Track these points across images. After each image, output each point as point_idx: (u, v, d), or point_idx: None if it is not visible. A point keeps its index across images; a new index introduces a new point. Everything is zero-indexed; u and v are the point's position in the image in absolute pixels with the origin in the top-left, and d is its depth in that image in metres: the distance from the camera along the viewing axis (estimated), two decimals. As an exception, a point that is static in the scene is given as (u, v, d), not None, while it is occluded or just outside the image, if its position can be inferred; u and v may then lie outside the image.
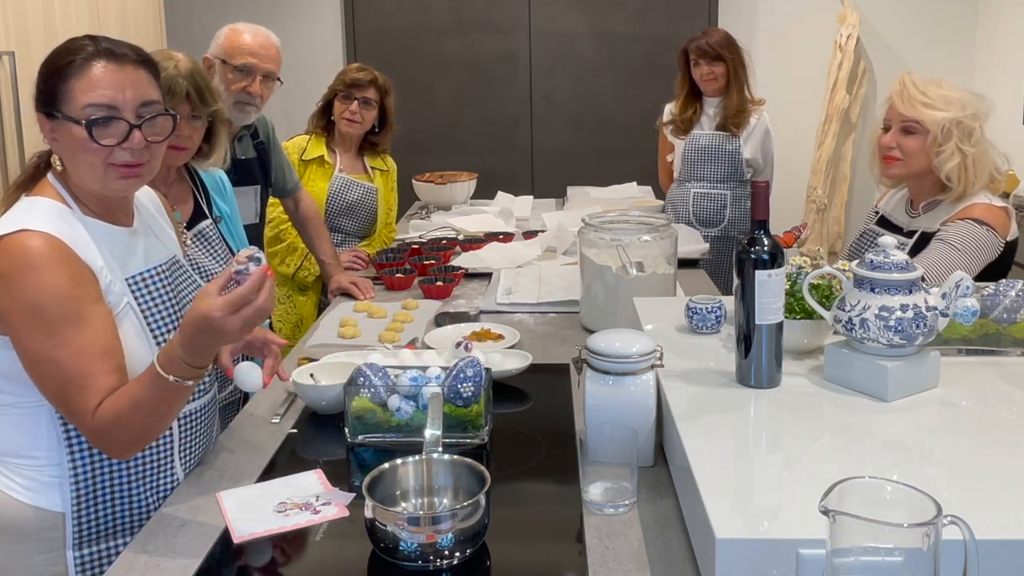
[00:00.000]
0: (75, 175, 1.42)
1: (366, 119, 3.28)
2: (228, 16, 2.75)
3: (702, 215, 3.66)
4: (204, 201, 2.11)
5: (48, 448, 1.42)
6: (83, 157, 1.39)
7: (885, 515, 0.84)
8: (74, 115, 1.37)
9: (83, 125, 1.36)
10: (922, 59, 5.25)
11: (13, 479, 1.43)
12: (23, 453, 1.43)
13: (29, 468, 1.43)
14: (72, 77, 1.38)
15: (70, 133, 1.38)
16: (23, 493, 1.43)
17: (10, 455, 1.43)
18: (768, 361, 1.45)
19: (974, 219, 2.09)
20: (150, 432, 1.38)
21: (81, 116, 1.37)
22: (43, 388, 1.36)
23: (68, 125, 1.38)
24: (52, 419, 1.41)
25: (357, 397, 1.61)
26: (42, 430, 1.42)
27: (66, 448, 1.42)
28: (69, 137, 1.38)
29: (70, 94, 1.38)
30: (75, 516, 1.43)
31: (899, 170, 2.20)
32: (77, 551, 1.44)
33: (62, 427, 1.41)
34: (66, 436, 1.42)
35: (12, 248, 1.32)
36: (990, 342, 1.62)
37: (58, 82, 1.38)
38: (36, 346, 1.32)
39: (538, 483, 1.49)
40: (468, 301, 2.58)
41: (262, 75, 2.53)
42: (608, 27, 5.25)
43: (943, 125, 2.09)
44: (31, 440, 1.42)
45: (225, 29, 2.56)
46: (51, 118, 1.40)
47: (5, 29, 3.01)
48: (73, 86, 1.38)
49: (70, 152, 1.40)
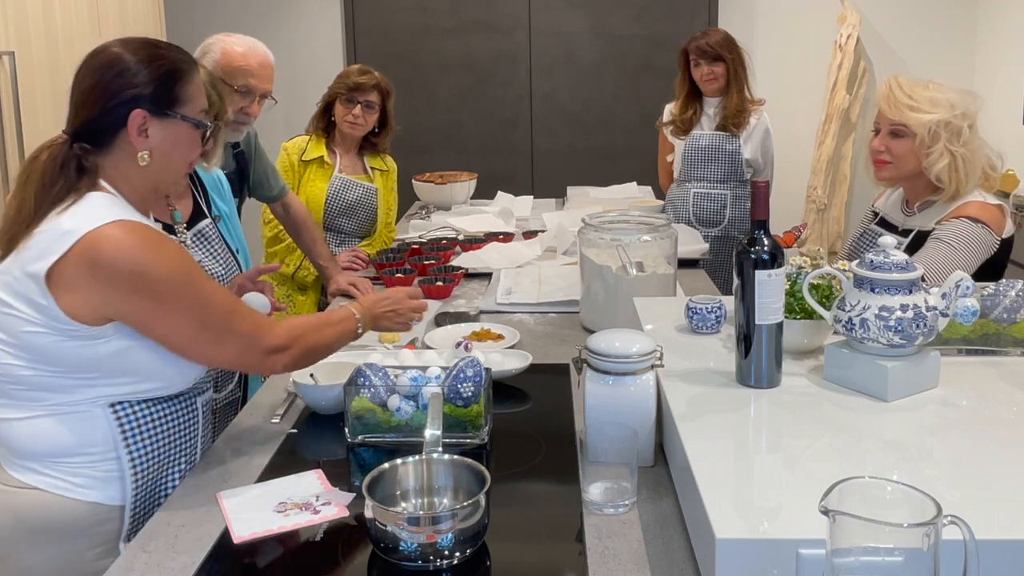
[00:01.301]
0: (161, 171, 1.50)
1: (368, 122, 3.28)
2: (228, 16, 2.75)
3: (702, 215, 3.66)
4: (203, 200, 2.11)
5: (103, 444, 1.46)
6: (183, 155, 1.52)
7: (885, 515, 0.84)
8: (194, 117, 1.51)
9: (202, 128, 1.52)
10: (922, 59, 5.25)
11: (68, 479, 1.45)
12: (76, 452, 1.45)
13: (83, 465, 1.45)
14: (190, 83, 1.50)
15: (182, 132, 1.50)
16: (79, 491, 1.45)
17: (63, 456, 1.45)
18: (768, 361, 1.45)
19: (969, 217, 2.09)
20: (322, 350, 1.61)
21: (201, 119, 1.52)
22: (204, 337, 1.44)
23: (182, 125, 1.49)
24: (105, 415, 1.45)
25: (357, 397, 1.61)
26: (95, 427, 1.45)
27: (122, 441, 1.46)
28: (177, 136, 1.49)
29: (189, 98, 1.50)
30: (132, 507, 1.48)
31: (890, 173, 2.21)
32: (128, 542, 1.46)
33: (116, 422, 1.46)
34: (121, 430, 1.46)
35: (121, 237, 1.37)
36: (990, 342, 1.62)
37: (179, 85, 1.49)
38: (192, 300, 1.42)
39: (538, 483, 1.49)
40: (468, 301, 2.58)
41: (260, 95, 2.51)
42: (608, 27, 5.25)
43: (930, 127, 2.09)
44: (84, 438, 1.44)
45: (218, 42, 2.46)
46: (161, 117, 1.46)
47: (5, 29, 3.01)
48: (190, 91, 1.50)
49: (170, 148, 1.49)
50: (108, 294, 1.36)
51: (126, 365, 1.43)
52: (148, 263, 1.37)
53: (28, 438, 1.44)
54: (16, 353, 1.40)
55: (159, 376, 1.48)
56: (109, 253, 1.35)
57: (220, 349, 1.47)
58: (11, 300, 1.38)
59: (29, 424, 1.44)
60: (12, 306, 1.38)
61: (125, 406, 1.46)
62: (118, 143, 1.46)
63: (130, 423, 1.47)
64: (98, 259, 1.35)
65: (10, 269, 1.39)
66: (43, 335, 1.38)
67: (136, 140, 1.45)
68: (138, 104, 1.44)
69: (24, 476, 1.45)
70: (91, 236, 1.35)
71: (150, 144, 1.46)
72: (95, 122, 1.45)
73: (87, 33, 3.55)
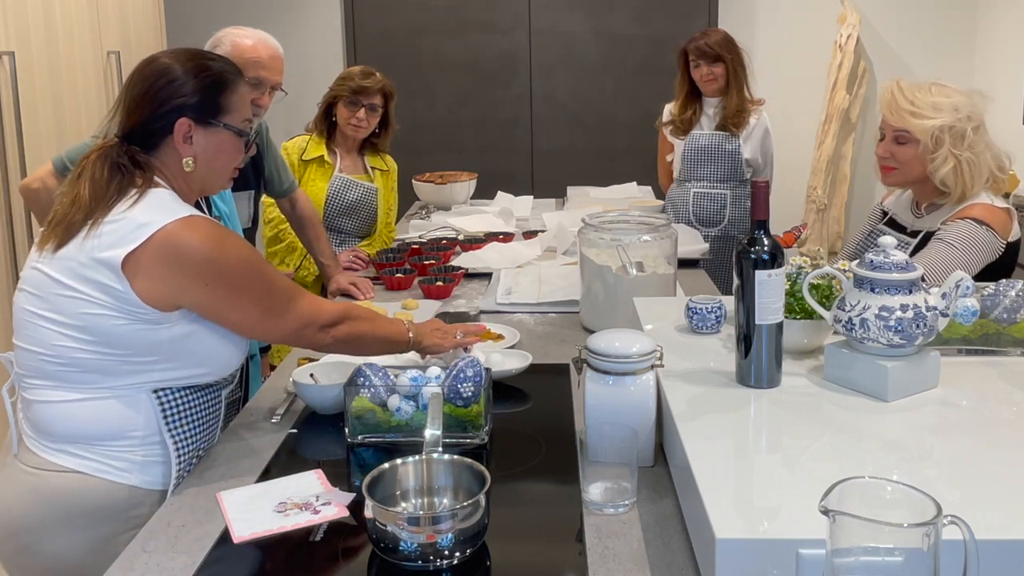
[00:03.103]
0: (206, 176, 1.60)
1: (371, 124, 3.29)
2: (228, 17, 2.75)
3: (702, 215, 3.66)
4: (203, 201, 2.11)
5: (145, 428, 1.51)
6: (227, 161, 1.62)
7: (885, 515, 0.84)
8: (237, 125, 1.60)
9: (244, 135, 1.61)
10: (922, 59, 5.26)
11: (108, 462, 1.50)
12: (118, 436, 1.50)
13: (123, 449, 1.50)
14: (234, 93, 1.59)
15: (225, 140, 1.59)
16: (118, 474, 1.50)
17: (104, 439, 1.50)
18: (768, 361, 1.45)
19: (973, 219, 2.08)
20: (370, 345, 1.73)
21: (244, 128, 1.61)
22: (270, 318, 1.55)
23: (225, 134, 1.58)
24: (149, 400, 1.51)
25: (357, 397, 1.61)
26: (139, 412, 1.51)
27: (166, 427, 1.52)
28: (221, 143, 1.58)
29: (233, 107, 1.59)
30: (175, 491, 1.50)
31: (896, 178, 2.20)
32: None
33: (159, 408, 1.52)
34: (163, 414, 1.52)
35: (197, 229, 1.46)
36: (990, 342, 1.62)
37: (223, 95, 1.57)
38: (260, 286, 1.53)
39: (538, 483, 1.49)
40: (468, 301, 2.58)
41: (271, 87, 2.51)
42: (608, 27, 5.26)
43: (932, 133, 2.08)
44: (127, 423, 1.50)
45: (228, 35, 2.47)
46: (205, 125, 1.55)
47: (5, 29, 3.01)
48: (234, 100, 1.59)
49: (214, 155, 1.58)
50: (187, 284, 1.46)
51: (183, 349, 1.51)
52: (222, 255, 1.48)
53: (72, 421, 1.49)
54: (75, 335, 1.46)
55: (211, 361, 1.57)
56: (187, 246, 1.45)
57: (284, 325, 1.58)
58: (76, 284, 1.44)
59: (75, 407, 1.49)
60: (78, 290, 1.44)
61: (167, 392, 1.53)
62: (165, 148, 1.55)
63: (172, 408, 1.53)
64: (177, 251, 1.44)
65: (75, 255, 1.45)
66: (109, 317, 1.45)
67: (181, 147, 1.54)
68: (184, 113, 1.53)
69: (61, 459, 1.49)
70: (168, 229, 1.44)
71: (194, 151, 1.56)
72: (144, 127, 1.54)
73: (87, 33, 3.55)
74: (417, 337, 1.78)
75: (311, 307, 1.61)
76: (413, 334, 1.77)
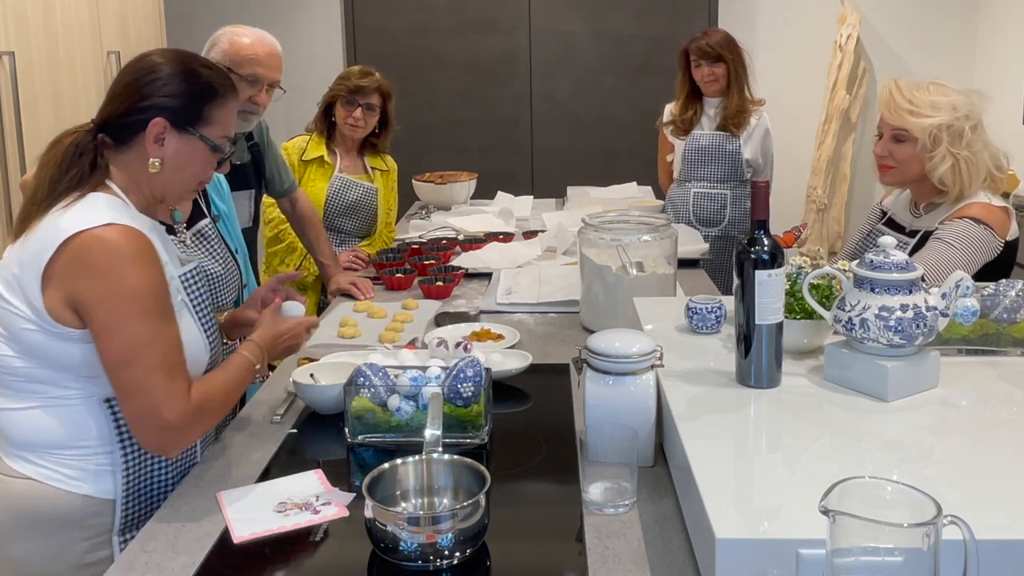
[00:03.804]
0: (169, 183, 1.52)
1: (369, 124, 3.28)
2: (228, 16, 2.75)
3: (702, 215, 3.66)
4: (202, 200, 2.11)
5: (99, 436, 1.46)
6: (194, 172, 1.54)
7: (885, 515, 0.84)
8: (215, 140, 1.53)
9: (219, 151, 1.54)
10: (922, 59, 5.26)
11: (60, 470, 1.45)
12: (72, 444, 1.45)
13: (76, 458, 1.46)
14: (219, 107, 1.53)
15: (197, 151, 1.52)
16: (71, 483, 1.45)
17: (58, 447, 1.45)
18: (768, 361, 1.45)
19: (971, 218, 2.08)
20: (225, 415, 1.54)
21: (221, 144, 1.54)
22: (124, 374, 1.38)
23: (200, 145, 1.51)
24: (100, 410, 1.46)
25: (357, 397, 1.61)
26: (90, 421, 1.45)
27: (116, 435, 1.46)
28: (192, 153, 1.51)
29: (215, 120, 1.52)
30: (124, 501, 1.48)
31: (894, 177, 2.20)
32: (121, 536, 1.48)
33: (111, 415, 1.46)
34: (115, 424, 1.46)
35: (106, 241, 1.36)
36: (990, 342, 1.62)
37: (207, 105, 1.51)
38: (134, 331, 1.37)
39: (538, 483, 1.49)
40: (468, 301, 2.57)
41: (268, 84, 2.51)
42: (608, 27, 5.25)
43: (931, 131, 2.08)
44: (78, 431, 1.45)
45: (226, 33, 2.48)
46: (181, 131, 1.49)
47: (5, 29, 3.01)
48: (218, 114, 1.53)
49: (182, 164, 1.51)
50: (80, 291, 1.36)
51: None
52: (121, 273, 1.36)
53: (24, 428, 1.45)
54: (12, 346, 1.42)
55: None
56: (93, 253, 1.36)
57: (128, 398, 1.39)
58: (8, 296, 1.40)
59: (26, 415, 1.45)
60: (9, 302, 1.40)
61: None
62: (135, 145, 1.49)
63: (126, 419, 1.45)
64: (83, 258, 1.36)
65: (10, 264, 1.41)
66: (34, 332, 1.39)
67: (151, 147, 1.48)
68: (161, 112, 1.48)
69: (19, 466, 1.46)
70: (83, 236, 1.36)
71: (163, 153, 1.49)
72: (120, 118, 1.49)
73: (87, 33, 3.55)
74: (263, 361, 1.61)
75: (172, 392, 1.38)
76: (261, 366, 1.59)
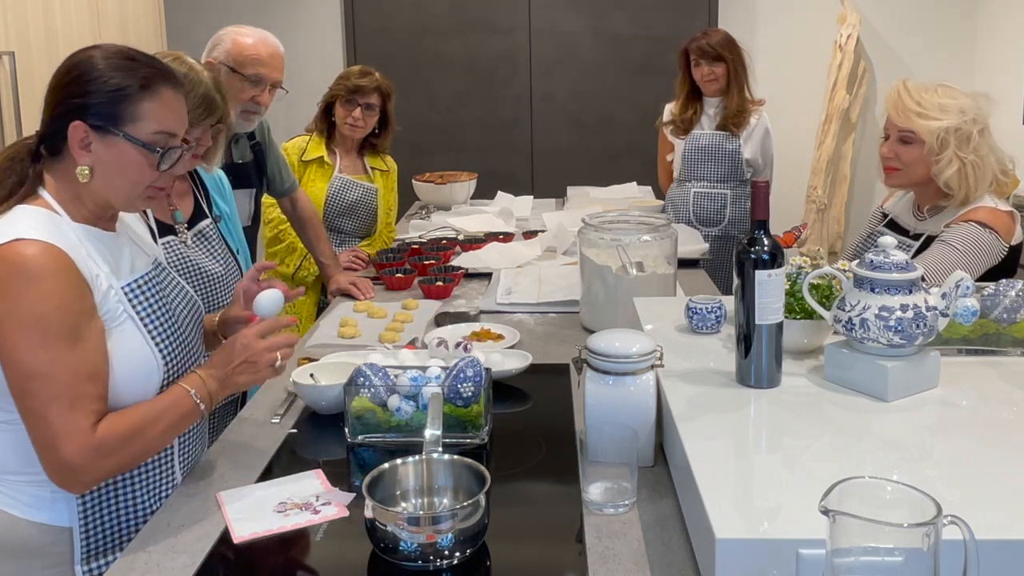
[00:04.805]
0: (105, 190, 1.38)
1: (368, 123, 3.28)
2: (228, 17, 2.75)
3: (702, 214, 3.66)
4: (204, 200, 2.11)
5: None
6: (130, 177, 1.38)
7: (885, 515, 0.84)
8: (142, 139, 1.36)
9: (152, 151, 1.37)
10: (922, 59, 5.26)
11: (16, 496, 1.38)
12: (22, 469, 1.38)
13: (30, 484, 1.38)
14: (143, 100, 1.36)
15: (125, 153, 1.36)
16: (25, 510, 1.38)
17: (10, 472, 1.38)
18: (768, 361, 1.45)
19: (977, 221, 2.08)
20: (152, 451, 1.41)
21: (150, 141, 1.37)
22: (24, 402, 1.29)
23: (126, 145, 1.36)
24: None
25: (357, 397, 1.61)
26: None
27: None
28: (120, 156, 1.36)
29: (139, 116, 1.36)
30: (83, 529, 1.40)
31: (900, 179, 2.20)
32: (85, 565, 1.41)
33: None
34: None
35: (10, 257, 1.26)
36: (990, 342, 1.62)
37: (125, 102, 1.35)
38: (30, 358, 1.27)
39: (538, 483, 1.49)
40: (468, 301, 2.57)
41: (271, 85, 2.51)
42: (608, 27, 5.25)
43: (938, 134, 2.07)
44: (31, 456, 1.33)
45: (229, 33, 2.50)
46: (103, 133, 1.35)
47: (5, 29, 3.01)
48: (144, 109, 1.36)
49: (114, 169, 1.36)
50: None
51: None
52: (19, 292, 1.26)
53: None
54: None
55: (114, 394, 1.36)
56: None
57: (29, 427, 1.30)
58: None
59: None
60: None
61: None
62: (66, 153, 1.37)
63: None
64: None
65: None
66: None
67: (76, 154, 1.35)
68: (80, 115, 1.34)
69: None
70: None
71: (91, 160, 1.35)
72: (49, 126, 1.37)
73: (87, 33, 3.55)
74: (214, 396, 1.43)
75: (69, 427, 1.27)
76: (203, 397, 1.41)
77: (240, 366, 1.45)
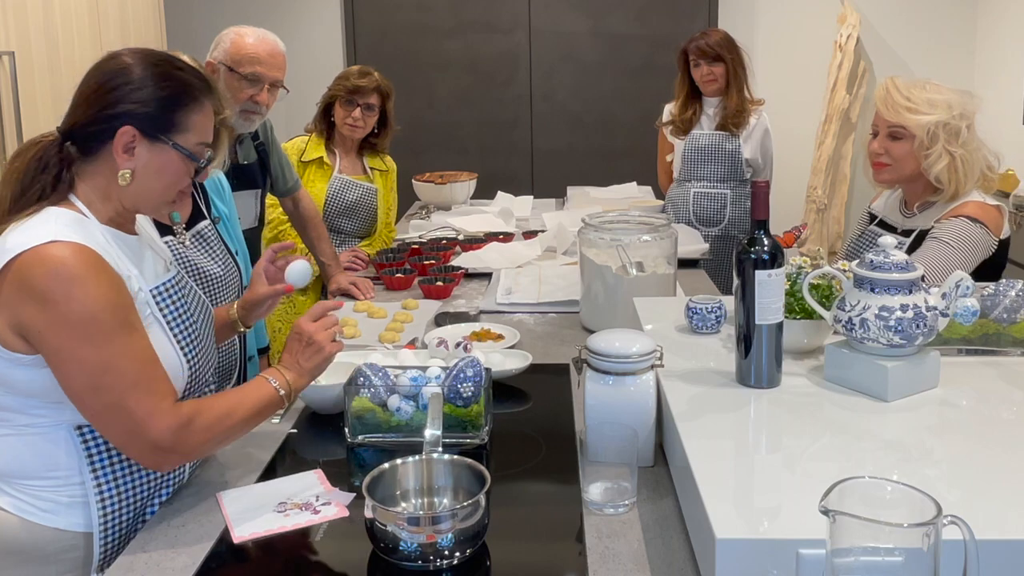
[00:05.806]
0: (140, 194, 1.40)
1: (368, 124, 3.28)
2: (228, 17, 2.75)
3: (702, 214, 3.66)
4: (203, 202, 2.11)
5: (67, 468, 1.37)
6: (168, 184, 1.41)
7: (885, 515, 0.84)
8: (189, 148, 1.40)
9: (195, 160, 1.42)
10: (922, 59, 5.25)
11: (30, 502, 1.37)
12: (40, 475, 1.37)
13: (46, 489, 1.37)
14: (195, 111, 1.41)
15: (172, 161, 1.39)
16: (41, 515, 1.37)
17: (26, 477, 1.37)
18: (768, 361, 1.45)
19: (967, 216, 2.09)
20: (234, 435, 1.43)
21: (195, 152, 1.41)
22: (98, 399, 1.30)
23: (173, 154, 1.39)
24: (71, 438, 1.36)
25: (357, 397, 1.61)
26: (60, 450, 1.36)
27: (88, 467, 1.37)
28: (166, 163, 1.39)
29: (190, 127, 1.40)
30: (103, 535, 1.38)
31: (889, 175, 2.20)
32: (100, 573, 1.38)
33: (82, 446, 1.37)
34: (87, 454, 1.37)
35: (47, 261, 1.26)
36: (990, 342, 1.62)
37: (180, 111, 1.39)
38: (94, 356, 1.28)
39: (538, 483, 1.49)
40: (468, 301, 2.58)
41: (270, 84, 2.51)
42: (608, 27, 5.26)
43: (928, 128, 2.09)
44: (48, 461, 1.36)
45: (230, 33, 2.49)
46: (152, 140, 1.37)
47: (5, 29, 3.01)
48: (193, 120, 1.40)
49: (155, 175, 1.39)
50: (24, 318, 1.27)
51: None
52: (66, 295, 1.26)
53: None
54: None
55: None
56: (34, 276, 1.26)
57: (105, 423, 1.32)
58: None
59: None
60: None
61: (92, 429, 1.36)
62: (103, 155, 1.37)
63: (98, 447, 1.37)
64: (23, 281, 1.26)
65: None
66: None
67: (120, 157, 1.36)
68: (130, 120, 1.35)
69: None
70: (24, 256, 1.26)
71: (134, 164, 1.37)
72: (86, 127, 1.37)
73: (87, 33, 3.55)
74: (293, 384, 1.47)
75: (146, 414, 1.30)
76: (281, 384, 1.46)
77: (304, 351, 1.49)
